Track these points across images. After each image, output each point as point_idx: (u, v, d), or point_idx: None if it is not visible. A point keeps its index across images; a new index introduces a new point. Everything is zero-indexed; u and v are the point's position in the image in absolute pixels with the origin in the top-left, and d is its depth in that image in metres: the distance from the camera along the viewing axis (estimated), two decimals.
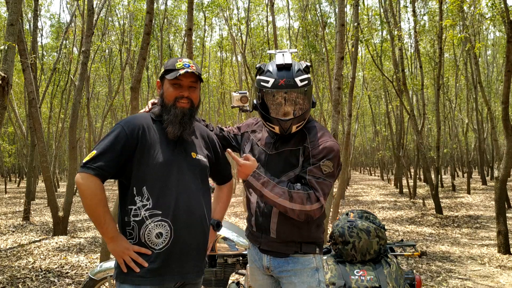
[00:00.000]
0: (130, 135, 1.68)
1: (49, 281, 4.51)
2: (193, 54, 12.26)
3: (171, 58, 1.85)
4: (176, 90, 1.77)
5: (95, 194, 1.62)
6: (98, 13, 12.88)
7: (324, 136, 1.82)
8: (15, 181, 29.88)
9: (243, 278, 3.25)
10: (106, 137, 1.70)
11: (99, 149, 1.66)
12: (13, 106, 14.94)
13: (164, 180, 1.69)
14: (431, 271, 4.85)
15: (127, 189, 1.71)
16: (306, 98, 1.80)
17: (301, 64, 1.82)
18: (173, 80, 1.76)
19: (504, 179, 5.69)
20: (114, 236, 1.66)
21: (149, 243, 1.66)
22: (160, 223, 1.66)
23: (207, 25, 20.44)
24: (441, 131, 18.23)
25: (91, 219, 1.66)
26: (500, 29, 20.18)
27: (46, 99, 19.77)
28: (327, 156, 1.76)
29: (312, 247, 1.85)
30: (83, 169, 1.64)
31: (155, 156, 1.70)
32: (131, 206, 1.68)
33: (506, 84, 5.68)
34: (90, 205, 1.63)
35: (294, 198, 1.70)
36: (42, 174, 7.54)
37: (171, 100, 1.77)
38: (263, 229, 1.88)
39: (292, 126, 1.81)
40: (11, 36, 4.09)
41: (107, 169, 1.65)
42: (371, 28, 13.77)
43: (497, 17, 7.29)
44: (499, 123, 18.80)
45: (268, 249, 1.87)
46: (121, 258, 1.65)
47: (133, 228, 1.68)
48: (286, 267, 1.84)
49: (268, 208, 1.85)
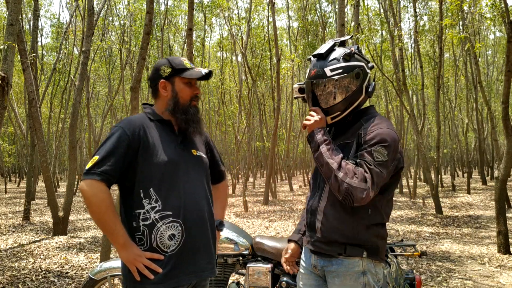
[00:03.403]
0: (132, 136, 1.64)
1: (49, 281, 4.50)
2: (193, 54, 12.27)
3: (171, 58, 1.81)
4: (191, 89, 1.78)
5: (102, 200, 1.55)
6: (98, 13, 12.87)
7: (381, 123, 1.69)
8: (15, 181, 29.88)
9: (243, 278, 3.25)
10: (107, 140, 1.64)
11: (102, 153, 1.60)
12: (13, 106, 14.94)
13: (170, 180, 1.66)
14: (431, 271, 4.85)
15: (131, 193, 1.65)
16: (339, 88, 1.72)
17: (341, 51, 1.74)
18: (187, 79, 1.76)
19: (504, 179, 5.69)
20: (126, 242, 1.59)
21: (162, 247, 1.61)
22: (172, 224, 1.62)
23: (207, 25, 20.44)
24: (441, 131, 18.24)
25: (100, 227, 1.59)
26: (500, 29, 20.18)
27: (46, 99, 19.79)
28: (380, 143, 1.62)
29: (358, 250, 1.69)
30: (87, 175, 1.58)
31: (159, 155, 1.66)
32: (139, 210, 1.62)
33: (506, 84, 5.68)
34: (98, 212, 1.56)
35: (343, 167, 1.61)
36: (42, 174, 7.54)
37: (187, 100, 1.76)
38: (311, 228, 1.81)
39: (326, 117, 1.77)
40: (11, 36, 4.09)
41: (113, 174, 1.59)
42: (371, 28, 13.75)
43: (497, 17, 7.28)
44: (499, 123, 18.79)
45: (314, 249, 1.79)
46: (134, 265, 1.58)
47: (144, 233, 1.62)
48: (330, 268, 1.75)
49: (315, 206, 1.78)
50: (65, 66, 17.26)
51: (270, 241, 2.63)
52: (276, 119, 12.23)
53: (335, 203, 1.71)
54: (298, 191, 17.47)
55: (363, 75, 1.74)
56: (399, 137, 2.28)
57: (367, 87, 1.77)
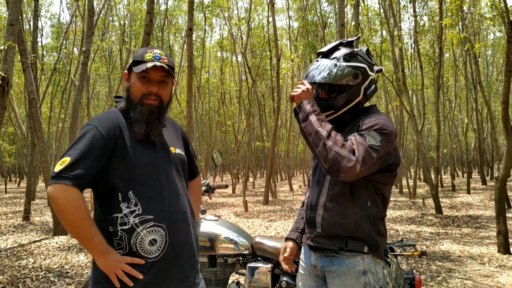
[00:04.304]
0: (107, 136, 1.49)
1: (49, 281, 4.51)
2: (193, 54, 12.27)
3: (144, 48, 1.64)
4: (144, 85, 1.57)
5: (77, 207, 1.40)
6: (98, 13, 12.88)
7: (380, 116, 1.69)
8: (15, 181, 29.88)
9: (243, 278, 3.25)
10: (79, 140, 1.48)
11: (74, 155, 1.43)
12: (13, 106, 14.94)
13: (152, 182, 1.53)
14: (431, 271, 4.85)
15: (107, 197, 1.51)
16: (336, 86, 1.75)
17: (344, 51, 1.75)
18: (140, 74, 1.55)
19: (504, 179, 5.69)
20: (104, 249, 1.45)
21: (142, 252, 1.49)
22: (153, 228, 1.50)
23: (207, 25, 20.45)
24: (441, 131, 18.23)
25: (75, 236, 1.44)
26: (500, 29, 20.18)
27: (46, 99, 19.77)
28: (376, 129, 1.61)
29: (359, 245, 1.69)
30: (57, 179, 1.41)
31: (138, 156, 1.53)
32: (116, 214, 1.49)
33: (506, 84, 5.68)
34: (73, 220, 1.41)
35: (332, 136, 1.58)
36: (42, 174, 7.54)
37: (138, 96, 1.56)
38: (311, 223, 1.80)
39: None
40: (11, 36, 4.10)
41: (86, 178, 1.43)
42: (371, 28, 13.77)
43: (496, 17, 7.29)
44: (499, 123, 18.79)
45: (314, 245, 1.77)
46: (113, 273, 1.45)
47: (122, 238, 1.49)
48: (330, 268, 1.73)
49: (315, 201, 1.78)
50: (65, 66, 17.27)
51: (270, 241, 2.64)
52: (276, 119, 12.24)
53: (335, 197, 1.72)
54: (298, 191, 17.47)
55: (362, 77, 1.75)
56: (398, 136, 2.28)
57: (366, 89, 1.77)
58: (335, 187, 1.72)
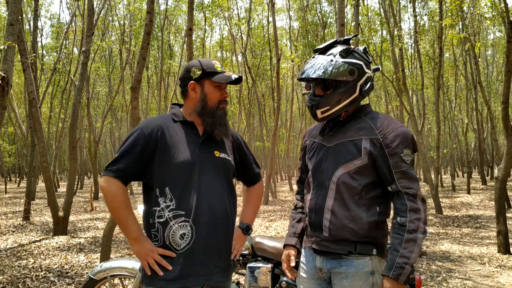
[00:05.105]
0: (148, 136, 1.71)
1: (49, 281, 4.51)
2: (193, 54, 12.25)
3: (203, 60, 1.83)
4: (219, 92, 1.81)
5: (116, 196, 1.66)
6: (98, 13, 12.88)
7: (392, 123, 1.70)
8: (15, 181, 29.89)
9: (243, 278, 3.25)
10: (126, 140, 1.74)
11: (120, 152, 1.71)
12: (13, 106, 14.94)
13: (185, 180, 1.69)
14: (431, 271, 4.85)
15: (150, 190, 1.72)
16: (331, 81, 1.75)
17: (340, 48, 1.76)
18: (217, 83, 1.79)
19: (504, 179, 5.69)
20: (138, 237, 1.67)
21: (174, 245, 1.66)
22: (183, 223, 1.66)
23: (207, 25, 20.44)
24: (441, 131, 18.24)
25: (115, 220, 1.67)
26: (500, 29, 20.19)
27: (46, 99, 19.79)
28: (403, 144, 1.66)
29: (368, 247, 1.69)
30: (105, 172, 1.70)
31: (176, 156, 1.70)
32: (155, 208, 1.68)
33: (506, 84, 5.68)
34: (112, 207, 1.67)
35: (416, 226, 1.64)
36: (42, 174, 7.54)
37: (215, 103, 1.80)
38: (317, 227, 1.76)
39: (316, 111, 1.77)
40: (11, 36, 4.09)
41: (127, 171, 1.69)
42: (371, 28, 13.77)
43: (496, 17, 7.29)
44: (499, 123, 18.80)
45: (321, 249, 1.74)
46: (145, 260, 1.65)
47: (158, 230, 1.68)
48: (338, 269, 1.71)
49: (320, 204, 1.75)
50: (65, 66, 17.27)
51: (270, 241, 2.63)
52: (276, 119, 12.23)
53: (343, 201, 1.69)
54: None
55: (358, 73, 1.73)
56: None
57: (362, 86, 1.75)
58: (344, 191, 1.70)
